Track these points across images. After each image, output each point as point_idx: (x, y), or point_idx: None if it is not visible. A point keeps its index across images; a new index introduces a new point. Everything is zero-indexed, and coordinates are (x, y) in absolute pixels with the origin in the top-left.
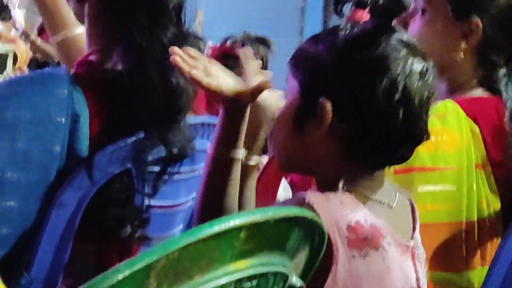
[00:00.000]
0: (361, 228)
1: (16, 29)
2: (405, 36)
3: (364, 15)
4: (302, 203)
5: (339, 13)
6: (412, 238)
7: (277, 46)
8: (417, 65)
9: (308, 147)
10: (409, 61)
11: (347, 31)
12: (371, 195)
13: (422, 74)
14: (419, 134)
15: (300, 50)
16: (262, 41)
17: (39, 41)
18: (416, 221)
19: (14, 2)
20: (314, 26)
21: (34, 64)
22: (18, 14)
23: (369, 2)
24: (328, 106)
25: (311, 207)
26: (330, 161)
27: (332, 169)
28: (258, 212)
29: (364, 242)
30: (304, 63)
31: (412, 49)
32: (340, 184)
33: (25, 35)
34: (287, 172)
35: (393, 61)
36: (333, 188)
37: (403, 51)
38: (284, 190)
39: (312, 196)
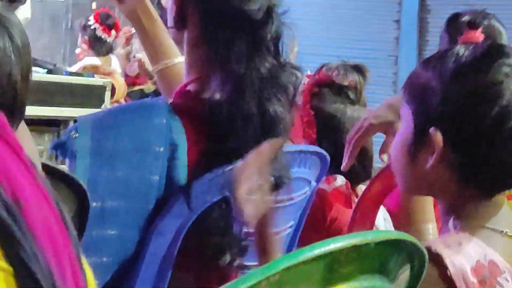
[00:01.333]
0: (481, 269)
1: (141, 68)
2: None
3: (478, 35)
4: (428, 252)
5: (451, 35)
6: None
7: (372, 76)
8: None
9: (422, 174)
10: None
11: (457, 57)
12: (485, 222)
13: None
14: None
15: (412, 76)
16: (358, 69)
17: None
18: None
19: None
20: (408, 56)
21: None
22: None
23: (479, 22)
24: (439, 136)
25: (439, 257)
26: (444, 187)
27: (448, 195)
28: (359, 235)
29: (483, 282)
30: (414, 90)
31: None
32: (450, 224)
33: (146, 72)
34: (410, 195)
35: (504, 88)
36: (455, 213)
37: None
38: (384, 220)
39: (437, 244)
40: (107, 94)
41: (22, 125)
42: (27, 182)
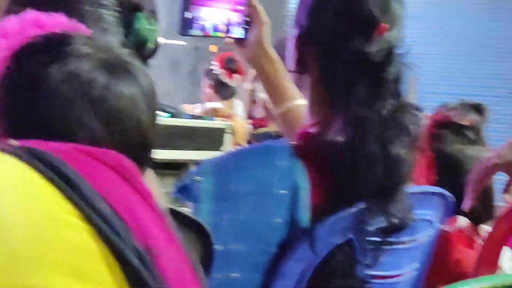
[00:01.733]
0: None
1: (266, 109)
2: None
3: None
4: None
5: None
6: None
7: (493, 114)
8: None
9: None
10: None
11: None
12: None
13: None
14: None
15: None
16: (477, 108)
17: None
18: None
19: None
20: None
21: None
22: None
23: None
24: None
25: None
26: None
27: None
28: (487, 279)
29: None
30: None
31: None
32: None
33: (269, 112)
34: None
35: None
36: None
37: None
38: (510, 260)
39: None
40: (227, 136)
41: (149, 171)
42: (157, 229)
